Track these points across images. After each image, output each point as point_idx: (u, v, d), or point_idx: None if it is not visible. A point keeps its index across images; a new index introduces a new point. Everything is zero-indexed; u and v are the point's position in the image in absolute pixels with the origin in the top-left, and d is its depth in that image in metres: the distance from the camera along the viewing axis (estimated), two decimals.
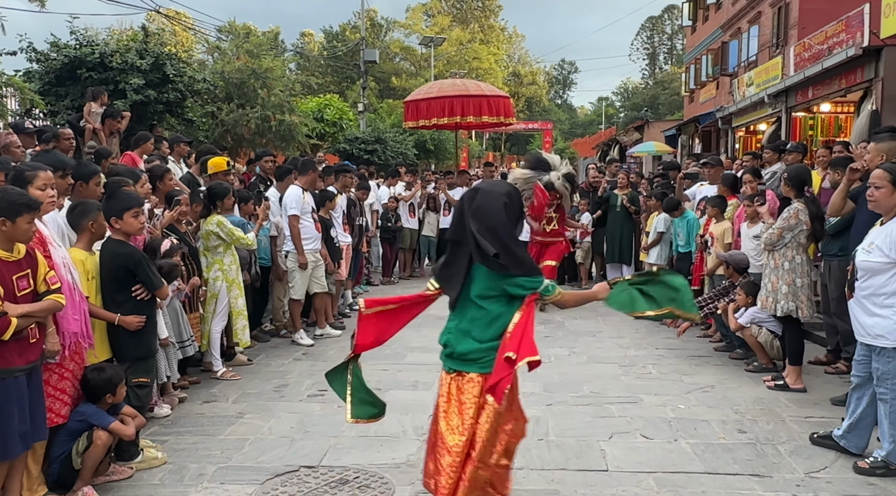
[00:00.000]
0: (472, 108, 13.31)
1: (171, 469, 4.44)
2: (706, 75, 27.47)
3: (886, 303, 4.20)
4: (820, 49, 14.92)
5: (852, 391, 4.60)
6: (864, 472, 4.28)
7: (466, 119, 13.50)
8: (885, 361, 4.23)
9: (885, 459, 4.27)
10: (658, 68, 73.79)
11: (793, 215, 5.87)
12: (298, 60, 42.90)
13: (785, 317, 5.96)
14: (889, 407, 4.23)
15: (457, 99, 13.32)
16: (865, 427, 4.54)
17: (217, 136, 14.00)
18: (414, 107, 14.06)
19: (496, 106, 13.64)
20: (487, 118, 13.58)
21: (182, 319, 5.72)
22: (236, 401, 5.79)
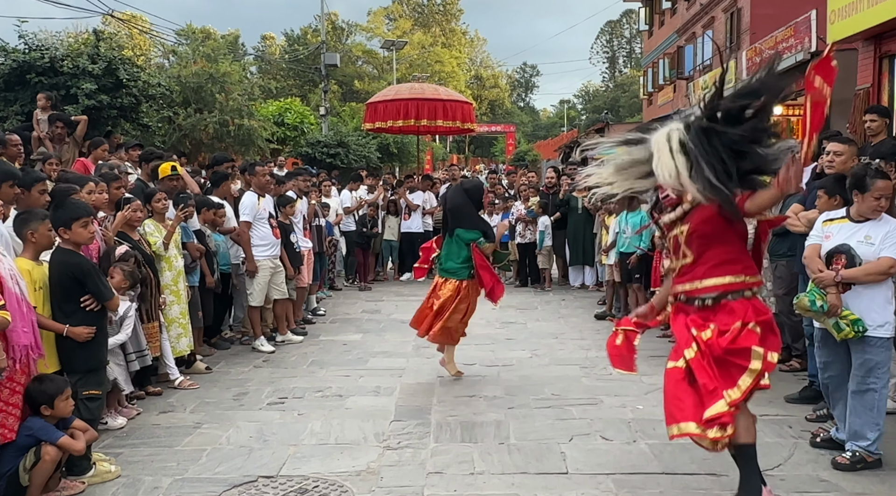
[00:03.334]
0: (428, 112, 13.32)
1: (125, 482, 4.34)
2: (663, 79, 27.87)
3: (885, 295, 4.32)
4: (770, 54, 15.23)
5: (835, 390, 4.64)
6: (845, 468, 4.35)
7: (421, 122, 13.51)
8: (880, 351, 4.31)
9: (867, 450, 4.34)
10: (618, 71, 74.69)
11: None
12: (259, 64, 42.51)
13: None
14: (878, 396, 4.31)
15: (412, 102, 13.32)
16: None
17: (174, 141, 13.82)
18: (373, 108, 14.05)
19: (453, 111, 13.66)
20: (443, 123, 13.60)
21: (139, 328, 5.60)
22: (194, 411, 5.69)
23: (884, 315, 4.33)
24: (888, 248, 4.27)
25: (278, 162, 15.60)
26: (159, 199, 6.42)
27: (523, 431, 5.16)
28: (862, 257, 4.33)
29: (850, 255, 4.37)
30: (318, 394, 6.10)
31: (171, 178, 7.08)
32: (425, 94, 13.45)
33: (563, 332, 8.51)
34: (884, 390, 4.34)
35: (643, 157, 3.81)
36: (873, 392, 4.32)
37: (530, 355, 7.44)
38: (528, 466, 4.54)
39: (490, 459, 4.63)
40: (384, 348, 7.80)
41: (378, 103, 13.79)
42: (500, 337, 8.32)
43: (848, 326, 4.32)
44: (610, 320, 9.09)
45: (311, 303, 9.68)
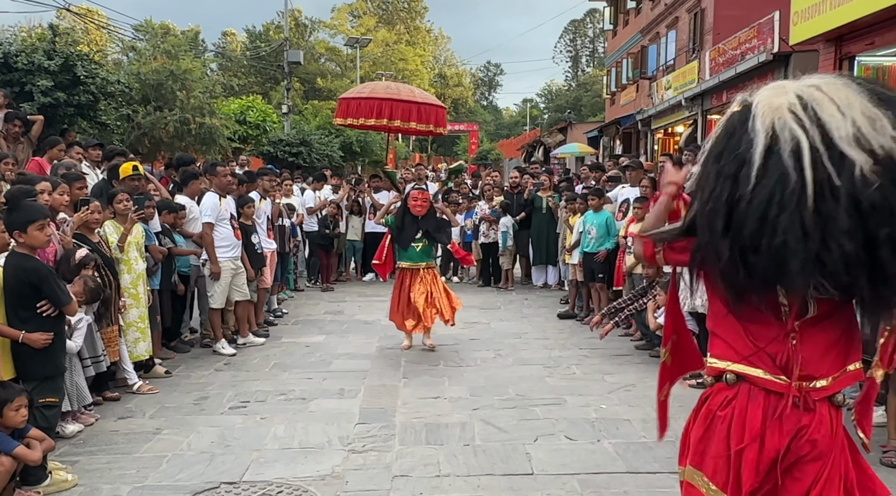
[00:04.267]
0: (402, 113, 13.23)
1: (83, 491, 4.24)
2: (627, 78, 28.17)
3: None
4: (734, 54, 15.50)
5: None
6: None
7: (393, 123, 13.43)
8: None
9: None
10: (581, 71, 75.28)
11: None
12: (220, 61, 41.94)
13: (700, 314, 6.13)
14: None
15: (386, 102, 13.22)
16: None
17: (133, 140, 13.54)
18: (345, 104, 13.90)
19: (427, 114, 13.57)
20: (416, 124, 13.52)
21: (95, 332, 5.48)
22: (153, 416, 5.59)
23: None
24: None
25: (240, 161, 15.41)
26: (121, 200, 6.28)
27: (488, 432, 5.17)
28: None
29: None
30: (281, 398, 6.03)
31: (133, 178, 6.93)
32: (401, 95, 13.36)
33: (526, 332, 8.55)
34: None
35: None
36: None
37: (494, 355, 7.45)
38: (493, 468, 4.54)
39: (455, 461, 4.63)
40: (347, 350, 7.74)
41: (352, 99, 13.68)
42: (463, 337, 8.32)
43: None
44: (578, 320, 9.17)
45: (273, 303, 9.57)
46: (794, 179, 1.80)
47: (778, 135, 1.84)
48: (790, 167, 1.81)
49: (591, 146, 29.97)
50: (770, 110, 1.88)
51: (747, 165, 1.86)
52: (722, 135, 2.03)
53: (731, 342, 2.24)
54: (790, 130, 1.83)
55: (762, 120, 1.88)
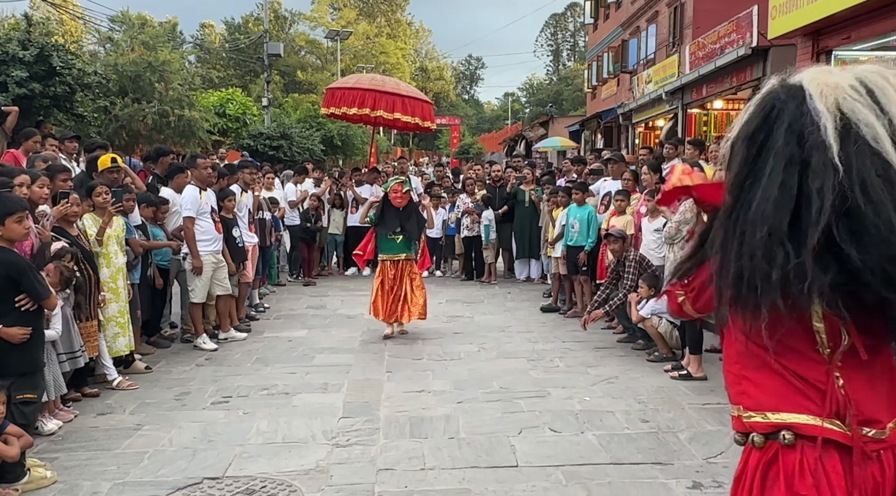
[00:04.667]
0: (386, 104, 13.17)
1: (62, 488, 4.18)
2: (607, 72, 28.26)
3: None
4: (713, 48, 15.58)
5: None
6: None
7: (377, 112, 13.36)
8: None
9: None
10: (562, 65, 75.44)
11: (689, 209, 6.08)
12: (198, 53, 41.52)
13: None
14: None
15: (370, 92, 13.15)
16: None
17: (111, 133, 13.35)
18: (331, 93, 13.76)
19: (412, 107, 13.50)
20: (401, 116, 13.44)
21: (73, 328, 5.39)
22: (134, 412, 5.52)
23: None
24: None
25: (220, 154, 15.27)
26: (100, 193, 6.19)
27: (473, 425, 5.16)
28: None
29: None
30: (264, 393, 5.99)
31: (112, 170, 6.85)
32: (385, 87, 13.32)
33: (509, 326, 8.55)
34: None
35: None
36: None
37: (478, 349, 7.45)
38: (478, 460, 4.54)
39: (440, 454, 4.62)
40: (330, 344, 7.71)
41: (337, 89, 13.63)
42: (447, 331, 8.31)
43: None
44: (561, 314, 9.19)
45: (254, 298, 9.50)
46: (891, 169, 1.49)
47: (848, 116, 1.52)
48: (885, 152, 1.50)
49: (573, 140, 30.06)
50: (829, 89, 1.57)
51: (819, 151, 1.51)
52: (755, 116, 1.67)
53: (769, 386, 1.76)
54: (863, 114, 1.52)
55: (822, 99, 1.56)
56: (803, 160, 1.53)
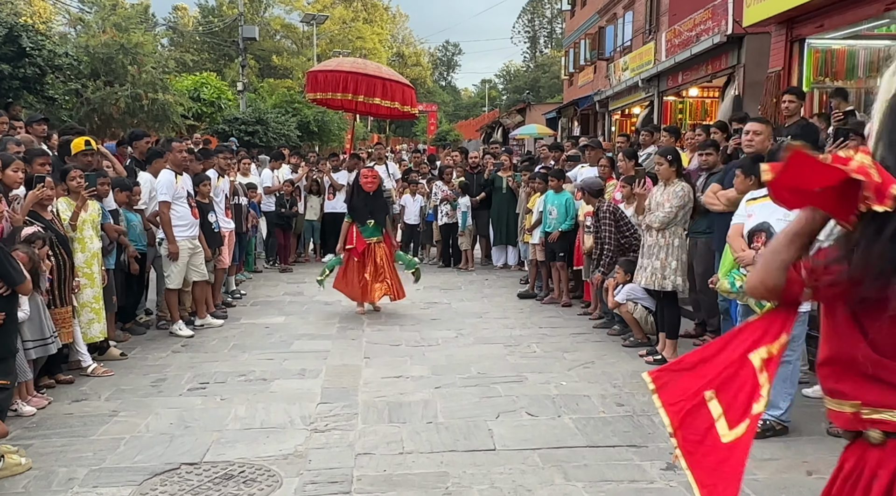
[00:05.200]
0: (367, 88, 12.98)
1: (37, 475, 4.14)
2: (584, 59, 28.28)
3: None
4: (689, 36, 15.66)
5: None
6: (755, 436, 4.52)
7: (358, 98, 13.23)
8: (797, 325, 4.48)
9: (779, 419, 4.55)
10: (539, 52, 75.37)
11: (686, 194, 6.13)
12: (171, 36, 40.92)
13: (665, 292, 6.22)
14: (791, 368, 4.50)
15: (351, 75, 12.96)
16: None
17: (82, 116, 13.13)
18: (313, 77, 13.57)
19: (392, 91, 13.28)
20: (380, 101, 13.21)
21: (43, 314, 5.30)
22: (109, 399, 5.48)
23: None
24: None
25: (195, 139, 15.09)
26: (74, 177, 6.10)
27: (451, 410, 5.19)
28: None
29: (770, 233, 4.53)
30: (241, 379, 5.96)
31: (86, 153, 6.74)
32: (367, 70, 13.16)
33: (487, 312, 8.59)
34: (797, 362, 4.57)
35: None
36: (788, 364, 4.53)
37: (455, 335, 7.48)
38: (456, 444, 4.57)
39: (418, 439, 4.65)
40: (308, 330, 7.69)
41: (319, 73, 13.45)
42: (424, 317, 8.33)
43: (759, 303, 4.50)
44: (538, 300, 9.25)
45: (231, 284, 9.44)
46: None
47: None
48: None
49: (550, 127, 30.12)
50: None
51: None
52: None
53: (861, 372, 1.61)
54: None
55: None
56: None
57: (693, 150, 8.48)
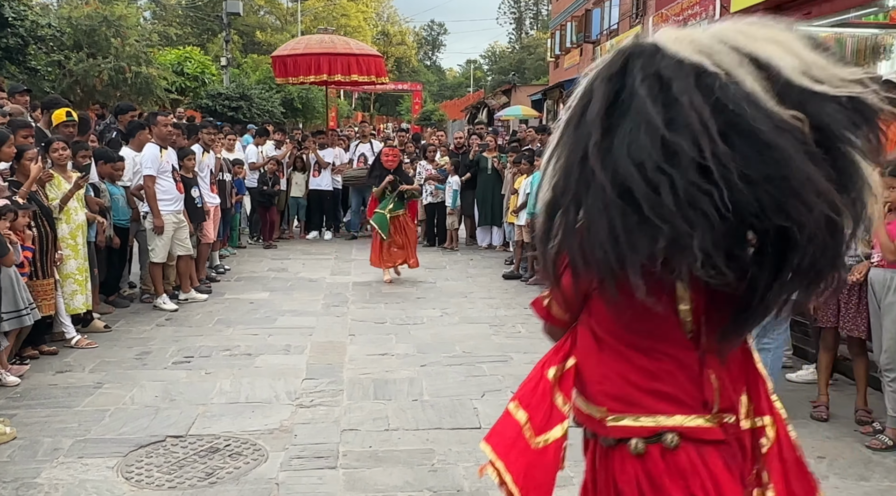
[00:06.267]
0: (341, 67, 13.00)
1: (22, 444, 4.13)
2: (570, 42, 28.21)
3: None
4: (676, 20, 15.65)
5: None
6: None
7: (334, 77, 13.19)
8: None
9: None
10: (524, 33, 75.05)
11: None
12: (154, 9, 40.25)
13: None
14: (772, 355, 4.56)
15: (324, 56, 12.95)
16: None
17: (65, 88, 12.91)
18: (281, 62, 13.58)
19: (366, 65, 13.39)
20: (357, 77, 13.31)
21: (17, 285, 5.20)
22: (93, 371, 5.46)
23: None
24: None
25: (178, 113, 14.91)
26: (57, 149, 6.02)
27: (436, 388, 5.22)
28: None
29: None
30: (226, 353, 5.96)
31: (67, 124, 6.67)
32: (336, 48, 13.06)
33: (472, 291, 8.62)
34: (777, 350, 4.61)
35: None
36: (768, 351, 4.59)
37: (440, 314, 7.50)
38: (441, 422, 4.60)
39: (404, 416, 4.67)
40: (293, 307, 7.68)
41: (287, 57, 13.32)
42: (410, 295, 8.35)
43: None
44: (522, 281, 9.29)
45: (214, 259, 9.39)
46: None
47: (703, 59, 1.45)
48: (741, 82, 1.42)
49: (535, 109, 30.06)
50: (684, 39, 1.51)
51: (681, 85, 1.43)
52: (605, 74, 1.58)
53: (634, 379, 1.71)
54: (719, 56, 1.46)
55: (677, 45, 1.50)
56: (666, 98, 1.44)
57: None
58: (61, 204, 5.90)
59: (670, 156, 1.39)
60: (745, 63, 1.44)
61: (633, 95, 1.47)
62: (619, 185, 1.43)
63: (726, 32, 1.51)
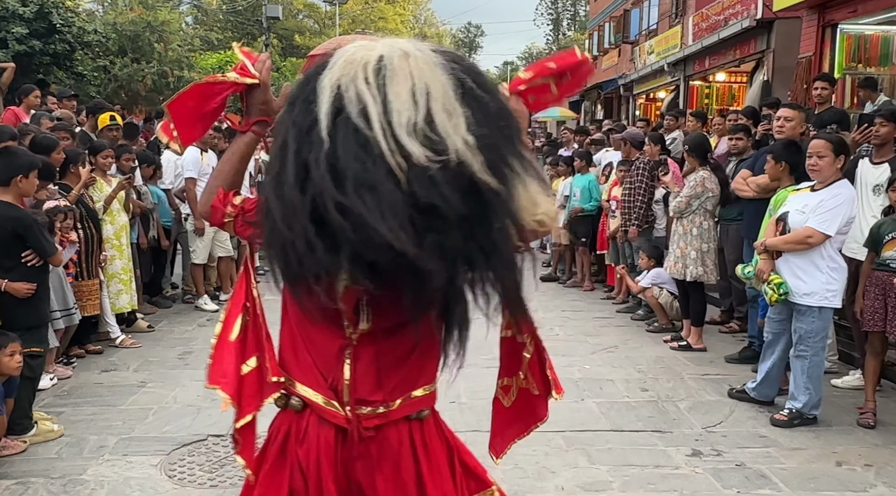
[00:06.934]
0: None
1: (69, 441, 4.23)
2: (608, 43, 27.98)
3: (815, 264, 4.42)
4: (717, 20, 15.43)
5: (766, 347, 4.84)
6: (782, 424, 4.53)
7: None
8: (810, 321, 4.45)
9: (800, 410, 4.54)
10: (562, 34, 74.66)
11: (699, 183, 6.08)
12: (195, 13, 40.97)
13: (692, 281, 6.19)
14: (808, 363, 4.47)
15: None
16: (774, 379, 4.83)
17: (110, 92, 13.24)
18: (313, 61, 13.68)
19: None
20: None
21: (65, 285, 5.34)
22: (137, 370, 5.56)
23: (811, 284, 4.43)
24: (813, 219, 4.38)
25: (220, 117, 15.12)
26: (107, 156, 6.20)
27: (474, 390, 5.19)
28: (791, 225, 4.50)
29: (786, 223, 4.54)
30: None
31: (111, 127, 6.85)
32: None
33: None
34: (815, 358, 4.50)
35: None
36: (804, 359, 4.50)
37: (478, 316, 7.46)
38: (479, 424, 4.58)
39: (442, 417, 4.66)
40: None
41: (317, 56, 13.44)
42: None
43: (772, 290, 4.50)
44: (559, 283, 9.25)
45: (255, 260, 9.50)
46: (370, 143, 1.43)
47: (343, 95, 1.49)
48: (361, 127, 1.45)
49: (573, 110, 29.87)
50: (345, 65, 1.54)
51: (318, 124, 1.48)
52: (302, 81, 1.66)
53: (295, 352, 1.83)
54: (357, 93, 1.47)
55: (331, 74, 1.54)
56: (308, 129, 1.48)
57: (721, 135, 8.39)
58: (105, 205, 6.03)
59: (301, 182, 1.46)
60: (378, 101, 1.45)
61: (292, 124, 1.54)
62: (280, 216, 1.50)
63: (392, 61, 1.50)
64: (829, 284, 4.42)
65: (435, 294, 1.54)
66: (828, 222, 4.33)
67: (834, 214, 4.32)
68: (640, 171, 7.34)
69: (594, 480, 3.86)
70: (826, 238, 4.35)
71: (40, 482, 3.76)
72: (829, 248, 4.44)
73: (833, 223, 4.32)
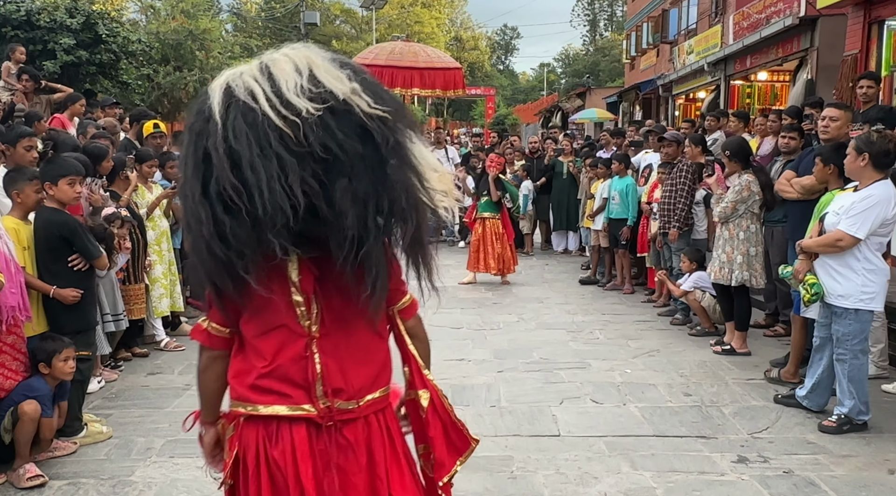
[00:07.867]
0: (403, 81, 13.06)
1: (118, 443, 4.32)
2: (647, 43, 27.69)
3: (850, 266, 4.35)
4: (758, 18, 15.18)
5: (814, 352, 4.74)
6: (831, 431, 4.43)
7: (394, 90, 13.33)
8: (846, 323, 4.37)
9: (848, 415, 4.44)
10: (599, 35, 74.08)
11: (745, 187, 5.98)
12: (235, 21, 41.63)
13: (738, 285, 6.09)
14: (848, 366, 4.38)
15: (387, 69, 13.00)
16: (826, 387, 4.70)
17: (153, 100, 13.53)
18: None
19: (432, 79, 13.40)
20: (419, 91, 13.37)
21: (116, 290, 5.48)
22: (182, 373, 5.66)
23: (846, 285, 4.36)
24: (844, 222, 4.30)
25: None
26: (151, 165, 6.35)
27: (514, 394, 5.20)
28: (826, 227, 4.45)
29: (823, 223, 4.50)
30: None
31: (155, 135, 6.99)
32: (403, 61, 13.14)
33: (548, 297, 8.55)
34: (854, 361, 4.38)
35: None
36: (843, 362, 4.40)
37: (517, 319, 7.47)
38: (520, 429, 4.58)
39: (482, 421, 4.67)
40: None
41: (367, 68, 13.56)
42: (486, 301, 8.34)
43: (805, 290, 4.44)
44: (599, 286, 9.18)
45: None
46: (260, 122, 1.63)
47: (232, 88, 1.69)
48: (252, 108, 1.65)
49: (611, 112, 29.65)
50: (230, 72, 1.77)
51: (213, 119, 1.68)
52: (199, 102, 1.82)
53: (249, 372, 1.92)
54: (244, 83, 1.69)
55: (219, 81, 1.76)
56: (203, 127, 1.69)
57: (763, 135, 8.25)
58: (149, 211, 6.16)
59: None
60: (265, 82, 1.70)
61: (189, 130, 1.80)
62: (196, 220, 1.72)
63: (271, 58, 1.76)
64: (866, 286, 4.34)
65: (353, 233, 1.67)
66: (857, 225, 4.26)
67: (864, 217, 4.25)
68: (682, 173, 7.24)
69: (638, 486, 3.81)
70: (856, 241, 4.28)
71: (91, 483, 3.85)
72: (865, 250, 4.34)
73: (863, 226, 4.25)
